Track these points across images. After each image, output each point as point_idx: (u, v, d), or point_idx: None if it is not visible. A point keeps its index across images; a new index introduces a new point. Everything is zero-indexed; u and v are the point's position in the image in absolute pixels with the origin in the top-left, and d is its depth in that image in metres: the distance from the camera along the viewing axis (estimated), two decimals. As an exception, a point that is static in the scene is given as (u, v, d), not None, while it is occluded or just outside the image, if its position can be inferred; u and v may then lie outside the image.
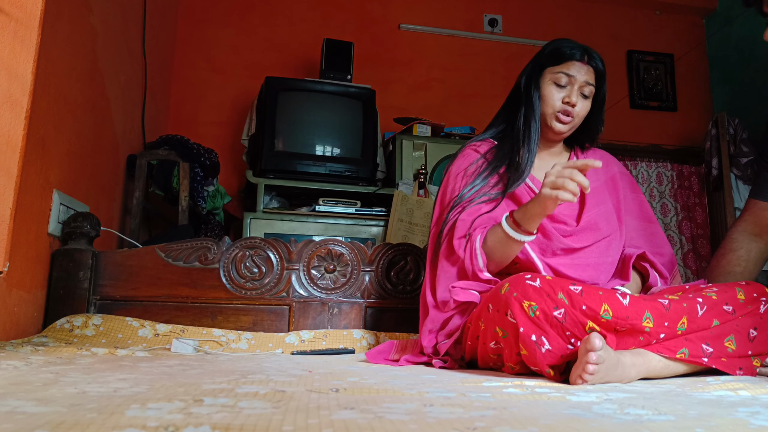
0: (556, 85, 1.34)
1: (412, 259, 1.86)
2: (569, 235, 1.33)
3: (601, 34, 3.81)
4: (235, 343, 1.61)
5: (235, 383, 0.76)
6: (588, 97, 1.36)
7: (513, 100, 1.45)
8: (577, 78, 1.33)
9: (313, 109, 2.80)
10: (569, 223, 1.35)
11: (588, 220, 1.36)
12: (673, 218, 3.63)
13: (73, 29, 1.72)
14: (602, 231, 1.35)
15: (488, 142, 1.46)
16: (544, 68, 1.37)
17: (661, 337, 1.05)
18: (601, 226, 1.35)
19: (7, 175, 1.34)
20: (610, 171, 1.49)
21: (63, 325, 1.54)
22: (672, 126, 3.81)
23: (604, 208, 1.39)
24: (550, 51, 1.36)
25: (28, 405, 0.55)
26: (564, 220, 1.35)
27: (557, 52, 1.35)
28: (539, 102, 1.36)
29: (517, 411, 0.61)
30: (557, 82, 1.34)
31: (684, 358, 1.05)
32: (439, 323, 1.31)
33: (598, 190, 1.42)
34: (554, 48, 1.36)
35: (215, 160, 2.57)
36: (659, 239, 1.47)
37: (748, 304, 1.11)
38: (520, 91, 1.41)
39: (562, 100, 1.34)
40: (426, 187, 2.85)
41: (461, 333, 1.27)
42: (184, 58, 3.25)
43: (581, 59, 1.34)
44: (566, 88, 1.34)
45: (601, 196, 1.41)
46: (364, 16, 3.53)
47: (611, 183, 1.47)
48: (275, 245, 1.80)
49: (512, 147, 1.40)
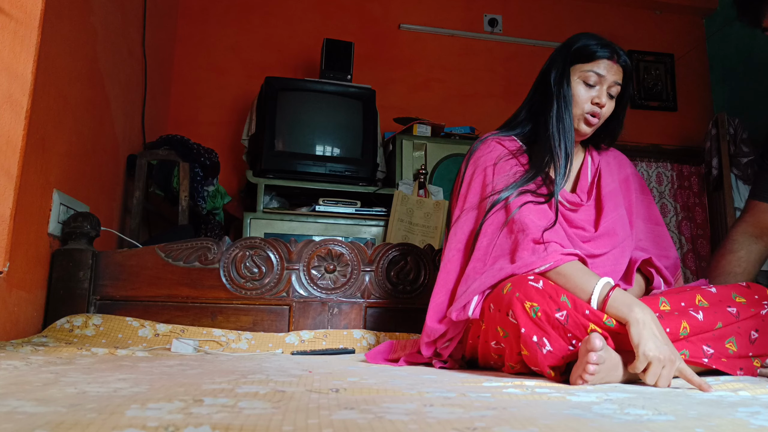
0: (585, 84, 1.27)
1: (412, 259, 1.86)
2: (588, 241, 1.30)
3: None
4: (235, 343, 1.61)
5: (235, 383, 0.76)
6: (613, 97, 1.31)
7: (538, 98, 1.35)
8: (606, 78, 1.27)
9: (313, 109, 2.80)
10: (587, 229, 1.32)
11: (606, 226, 1.32)
12: (673, 218, 3.63)
13: (73, 29, 1.72)
14: (619, 237, 1.32)
15: (513, 141, 1.36)
16: (571, 65, 1.29)
17: None
18: (618, 231, 1.32)
19: (7, 175, 1.34)
20: (623, 172, 1.45)
21: (63, 325, 1.54)
22: (672, 126, 3.81)
23: (619, 213, 1.36)
24: (579, 48, 1.28)
25: (27, 405, 0.55)
26: (582, 225, 1.31)
27: (586, 49, 1.27)
28: (571, 101, 1.28)
29: (517, 411, 0.61)
30: (587, 81, 1.27)
31: (685, 359, 1.05)
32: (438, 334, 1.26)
33: (614, 192, 1.38)
34: (583, 45, 1.28)
35: (215, 160, 2.57)
36: (666, 242, 1.44)
37: (750, 306, 1.11)
38: (549, 88, 1.30)
39: (591, 100, 1.28)
40: (426, 187, 2.85)
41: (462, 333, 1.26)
42: (184, 57, 3.25)
43: (611, 57, 1.27)
44: (595, 87, 1.27)
45: (617, 199, 1.37)
46: (364, 16, 3.53)
47: (625, 184, 1.43)
48: (275, 245, 1.80)
49: (547, 154, 1.29)
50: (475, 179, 1.32)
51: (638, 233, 1.41)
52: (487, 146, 1.35)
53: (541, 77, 1.36)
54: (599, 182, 1.38)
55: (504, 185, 1.26)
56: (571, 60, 1.29)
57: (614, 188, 1.38)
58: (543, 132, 1.30)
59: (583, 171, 1.41)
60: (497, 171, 1.29)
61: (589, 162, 1.42)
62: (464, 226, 1.30)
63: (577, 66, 1.29)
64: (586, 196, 1.37)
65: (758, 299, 1.12)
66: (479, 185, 1.31)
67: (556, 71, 1.30)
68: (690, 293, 1.14)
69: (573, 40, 1.32)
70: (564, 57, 1.30)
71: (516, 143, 1.35)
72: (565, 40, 1.35)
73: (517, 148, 1.34)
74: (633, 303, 1.01)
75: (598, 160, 1.42)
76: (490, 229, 1.23)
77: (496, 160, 1.31)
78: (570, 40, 1.33)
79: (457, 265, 1.28)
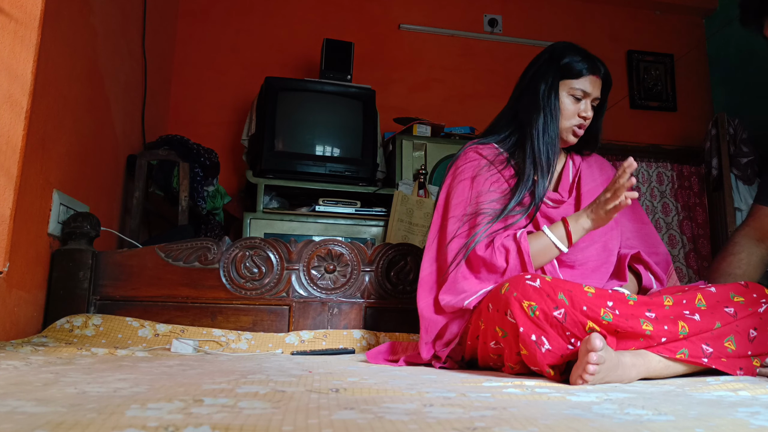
0: (572, 98, 1.35)
1: (411, 259, 1.86)
2: None
3: (601, 34, 3.81)
4: (235, 343, 1.61)
5: (235, 383, 0.76)
6: (594, 107, 1.40)
7: (524, 107, 1.39)
8: (591, 93, 1.36)
9: (312, 109, 2.80)
10: None
11: None
12: (674, 218, 3.63)
13: (73, 29, 1.72)
14: (599, 230, 1.34)
15: (492, 148, 1.41)
16: (560, 79, 1.35)
17: (663, 341, 1.05)
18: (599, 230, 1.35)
19: (7, 175, 1.34)
20: (606, 173, 1.51)
21: (63, 325, 1.54)
22: (672, 126, 3.81)
23: None
24: (567, 64, 1.35)
25: (28, 405, 0.55)
26: None
27: (574, 67, 1.34)
28: (559, 114, 1.35)
29: (517, 411, 0.61)
30: (574, 95, 1.35)
31: (684, 359, 1.05)
32: (434, 332, 1.30)
33: (594, 191, 1.43)
34: (571, 61, 1.35)
35: (215, 160, 2.57)
36: (653, 239, 1.49)
37: (748, 305, 1.11)
38: (537, 99, 1.35)
39: (578, 114, 1.36)
40: (426, 188, 2.85)
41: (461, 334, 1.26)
42: (184, 58, 3.25)
43: (596, 73, 1.36)
44: (581, 101, 1.36)
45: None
46: (364, 16, 3.53)
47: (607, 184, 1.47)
48: (275, 245, 1.80)
49: (530, 165, 1.35)
50: (456, 189, 1.37)
51: (625, 232, 1.46)
52: (465, 157, 1.41)
53: (526, 86, 1.40)
54: (579, 182, 1.45)
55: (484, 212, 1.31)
56: (560, 74, 1.35)
57: (594, 187, 1.44)
58: (528, 142, 1.36)
59: (565, 172, 1.47)
60: (475, 185, 1.35)
61: (570, 165, 1.49)
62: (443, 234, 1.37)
63: (565, 81, 1.35)
64: (567, 194, 1.44)
65: (756, 298, 1.12)
66: (460, 196, 1.36)
67: (545, 84, 1.35)
68: (690, 293, 1.14)
69: (559, 53, 1.37)
70: (553, 71, 1.36)
71: (495, 150, 1.41)
72: (549, 52, 1.40)
73: (495, 156, 1.39)
74: (579, 219, 1.24)
75: (579, 162, 1.49)
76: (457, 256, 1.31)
77: (475, 172, 1.37)
78: (555, 52, 1.38)
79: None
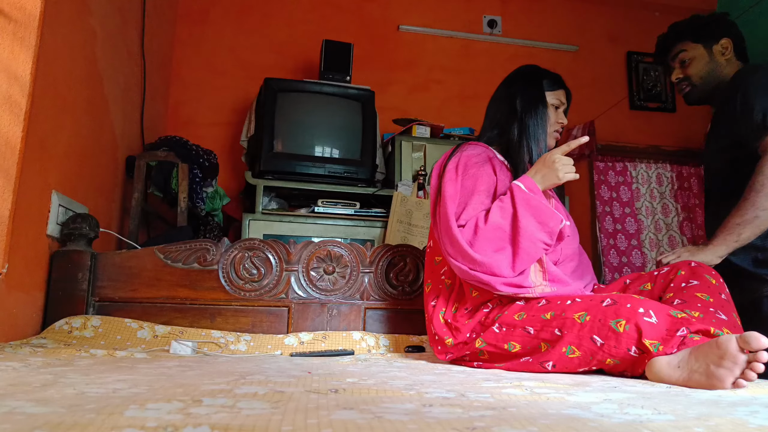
0: (552, 107, 1.54)
1: (411, 260, 1.86)
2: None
3: (601, 35, 3.82)
4: (234, 344, 1.61)
5: (234, 384, 0.76)
6: None
7: (512, 109, 1.52)
8: (565, 103, 1.58)
9: (312, 110, 2.80)
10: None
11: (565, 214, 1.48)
12: (674, 219, 3.63)
13: (72, 31, 1.72)
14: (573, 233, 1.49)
15: (490, 149, 1.54)
16: (545, 90, 1.53)
17: None
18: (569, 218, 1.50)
19: (5, 176, 1.34)
20: None
21: (62, 326, 1.54)
22: (671, 127, 3.81)
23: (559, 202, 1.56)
24: (547, 79, 1.54)
25: (27, 406, 0.55)
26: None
27: (554, 80, 1.55)
28: (546, 122, 1.51)
29: (517, 411, 0.61)
30: (555, 105, 1.55)
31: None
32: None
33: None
34: (548, 76, 1.55)
35: (214, 161, 2.57)
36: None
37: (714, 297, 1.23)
38: (530, 108, 1.49)
39: (557, 121, 1.56)
40: (425, 189, 2.85)
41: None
42: (183, 59, 3.25)
43: (564, 87, 1.58)
44: (559, 110, 1.56)
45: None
46: (363, 17, 3.53)
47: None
48: (274, 246, 1.80)
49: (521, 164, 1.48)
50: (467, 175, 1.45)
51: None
52: (474, 148, 1.52)
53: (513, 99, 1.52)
54: None
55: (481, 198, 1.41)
56: (546, 86, 1.53)
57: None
58: (518, 146, 1.49)
59: None
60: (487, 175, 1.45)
61: None
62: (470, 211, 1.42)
63: (548, 92, 1.54)
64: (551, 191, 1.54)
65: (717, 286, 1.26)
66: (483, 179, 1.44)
67: (533, 96, 1.51)
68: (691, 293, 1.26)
69: (536, 72, 1.56)
70: (538, 85, 1.53)
71: (489, 149, 1.54)
72: (525, 72, 1.58)
73: (494, 156, 1.51)
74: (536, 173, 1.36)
75: None
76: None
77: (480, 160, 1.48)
78: (532, 73, 1.56)
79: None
